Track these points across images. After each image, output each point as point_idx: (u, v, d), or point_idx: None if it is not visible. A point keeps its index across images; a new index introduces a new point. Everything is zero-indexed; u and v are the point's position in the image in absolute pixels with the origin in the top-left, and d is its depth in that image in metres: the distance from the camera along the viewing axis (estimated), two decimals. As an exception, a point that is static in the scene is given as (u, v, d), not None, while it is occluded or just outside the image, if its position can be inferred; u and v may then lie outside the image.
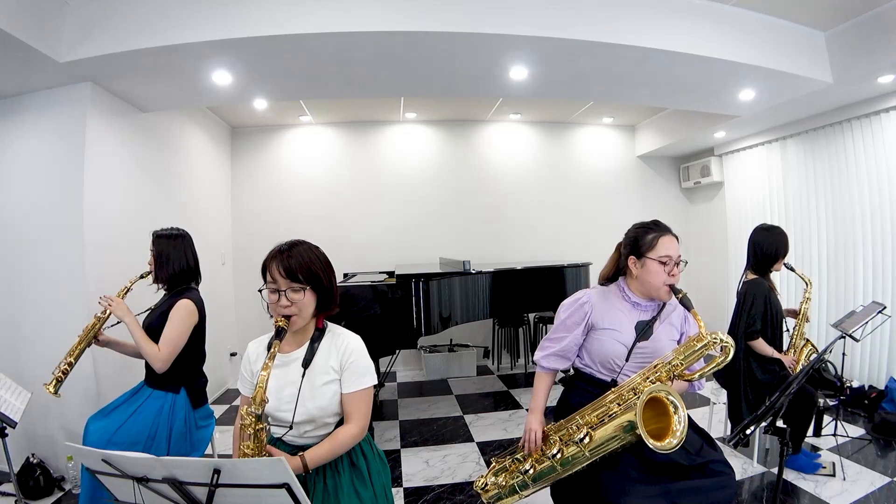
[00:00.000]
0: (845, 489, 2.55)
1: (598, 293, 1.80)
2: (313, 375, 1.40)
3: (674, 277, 1.65)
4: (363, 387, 1.42)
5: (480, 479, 1.86)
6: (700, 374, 1.58)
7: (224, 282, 4.93)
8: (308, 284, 1.39)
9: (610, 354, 1.69)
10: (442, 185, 5.48)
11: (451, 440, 3.45)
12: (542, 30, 2.68)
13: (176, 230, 2.30)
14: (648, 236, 1.69)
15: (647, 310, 1.73)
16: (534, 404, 1.81)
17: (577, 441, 1.55)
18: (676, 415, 1.47)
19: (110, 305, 2.13)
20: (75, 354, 2.14)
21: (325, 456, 1.36)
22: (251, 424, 1.26)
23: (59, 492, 2.71)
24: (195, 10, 2.52)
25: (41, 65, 2.55)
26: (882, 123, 3.71)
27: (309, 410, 1.38)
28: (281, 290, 1.37)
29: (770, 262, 2.67)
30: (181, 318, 2.12)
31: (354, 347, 1.44)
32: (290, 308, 1.37)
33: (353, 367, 1.41)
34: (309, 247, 1.45)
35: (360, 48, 2.75)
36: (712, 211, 5.73)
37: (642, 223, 1.76)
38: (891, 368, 3.70)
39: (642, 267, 1.68)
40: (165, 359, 2.06)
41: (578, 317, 1.75)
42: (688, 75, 3.28)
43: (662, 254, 1.65)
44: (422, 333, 3.15)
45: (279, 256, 1.39)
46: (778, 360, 2.63)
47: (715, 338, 1.52)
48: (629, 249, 1.74)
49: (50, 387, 2.08)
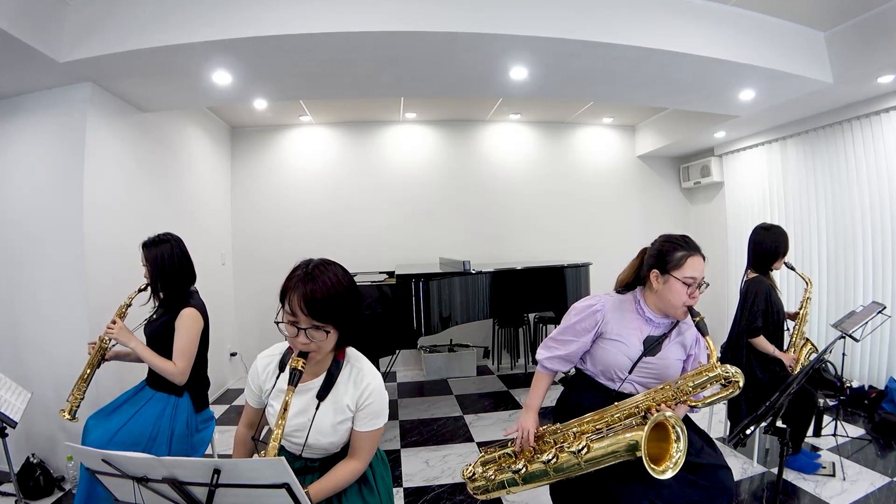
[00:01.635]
0: (845, 489, 2.55)
1: (612, 302, 1.73)
2: (327, 410, 1.33)
3: (694, 299, 1.60)
4: (374, 427, 1.36)
5: (468, 467, 1.84)
6: (704, 404, 1.55)
7: (224, 282, 4.93)
8: (332, 322, 1.23)
9: (613, 365, 1.67)
10: (442, 184, 5.48)
11: (451, 440, 3.44)
12: (542, 30, 2.68)
13: (162, 235, 2.23)
14: (677, 253, 1.62)
15: (659, 326, 1.68)
16: (530, 402, 1.79)
17: (574, 451, 1.53)
18: (677, 444, 1.44)
19: (111, 331, 2.09)
20: (87, 379, 2.15)
21: (329, 491, 1.33)
22: None
23: (59, 492, 2.71)
24: (195, 10, 2.51)
25: (41, 65, 2.55)
26: (882, 123, 3.71)
27: (320, 444, 1.34)
28: (301, 327, 1.21)
29: (770, 260, 2.66)
30: (189, 327, 2.11)
31: (374, 389, 1.34)
32: (309, 346, 1.24)
33: (369, 408, 1.34)
34: (335, 271, 1.26)
35: (360, 48, 2.75)
36: (712, 211, 5.73)
37: (671, 237, 1.68)
38: (891, 368, 3.70)
39: (664, 284, 1.62)
40: (183, 371, 2.06)
41: (589, 324, 1.71)
42: (688, 75, 3.28)
43: (688, 275, 1.59)
44: (422, 333, 3.15)
45: (301, 286, 1.21)
46: (778, 361, 2.63)
47: (726, 371, 1.47)
48: (654, 262, 1.66)
49: (66, 413, 2.09)
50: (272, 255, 5.04)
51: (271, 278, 1.94)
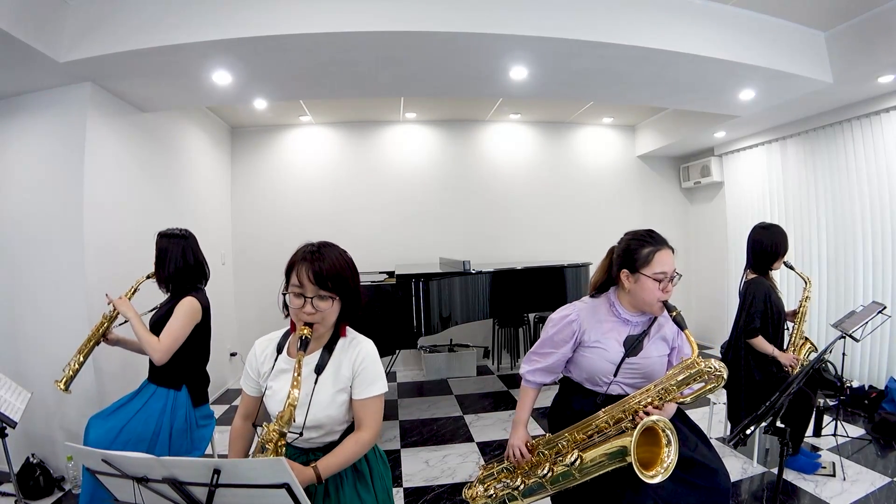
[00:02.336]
0: (845, 489, 2.55)
1: (586, 309, 1.71)
2: (325, 383, 1.35)
3: (667, 293, 1.58)
4: (374, 394, 1.37)
5: (470, 488, 1.83)
6: (692, 398, 1.50)
7: (224, 282, 4.92)
8: (337, 293, 1.33)
9: (596, 372, 1.65)
10: (442, 185, 5.48)
11: (451, 440, 3.44)
12: (542, 30, 2.68)
13: (179, 230, 2.31)
14: (644, 250, 1.59)
15: (637, 325, 1.66)
16: (517, 417, 1.77)
17: (568, 464, 1.51)
18: (668, 448, 1.41)
19: (112, 302, 2.17)
20: (85, 352, 2.17)
21: (340, 464, 1.33)
22: (273, 440, 1.21)
23: (59, 492, 2.71)
24: (195, 10, 2.52)
25: (41, 65, 2.55)
26: (882, 123, 3.71)
27: (318, 418, 1.34)
28: (308, 296, 1.30)
29: (770, 260, 2.66)
30: (184, 314, 2.14)
31: (367, 354, 1.39)
32: (314, 315, 1.31)
33: (364, 373, 1.36)
34: (339, 251, 1.39)
35: (360, 48, 2.75)
36: (712, 211, 5.72)
37: (637, 233, 1.66)
38: (891, 368, 3.70)
39: (636, 282, 1.59)
40: (164, 349, 2.06)
41: (566, 334, 1.69)
42: (688, 75, 3.28)
43: (658, 270, 1.56)
44: (422, 333, 3.15)
45: (309, 259, 1.31)
46: (775, 361, 2.63)
47: (709, 366, 1.43)
48: (622, 261, 1.64)
49: (60, 384, 2.11)
50: (272, 255, 4.98)
51: (271, 278, 1.95)
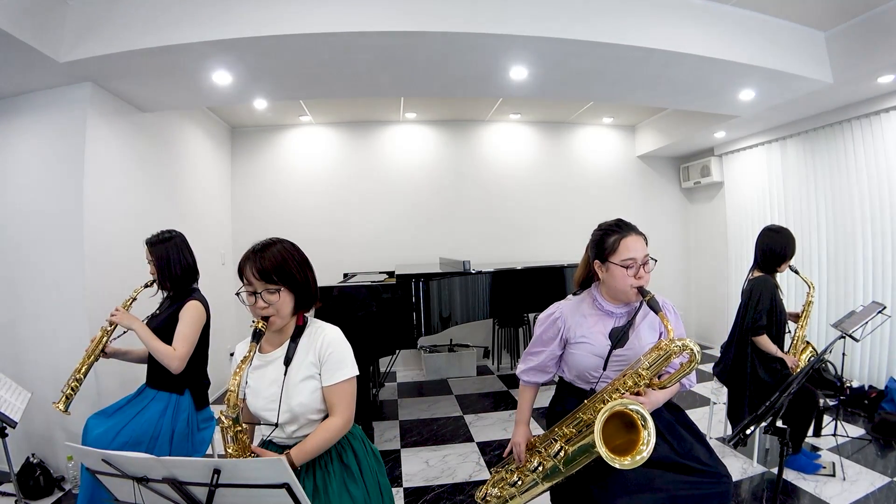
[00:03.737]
0: (845, 489, 2.55)
1: (569, 306, 1.74)
2: (294, 373, 1.39)
3: (640, 279, 1.58)
4: (342, 378, 1.40)
5: (480, 490, 1.84)
6: (670, 381, 1.49)
7: (224, 282, 4.91)
8: (283, 285, 1.38)
9: (585, 367, 1.65)
10: (442, 185, 5.48)
11: (451, 440, 3.44)
12: (542, 30, 2.68)
13: (167, 233, 2.27)
14: (610, 239, 1.61)
15: (622, 317, 1.66)
16: (518, 416, 1.81)
17: (551, 455, 1.53)
18: (646, 429, 1.40)
19: (114, 316, 2.12)
20: (83, 371, 2.11)
21: (312, 450, 1.35)
22: (230, 427, 1.29)
23: (59, 492, 2.71)
24: (195, 10, 2.51)
25: (41, 65, 2.55)
26: (882, 123, 3.71)
27: (291, 408, 1.37)
28: (257, 292, 1.37)
29: (778, 262, 2.66)
30: (193, 316, 2.12)
31: (332, 339, 1.42)
32: (267, 309, 1.37)
33: (331, 358, 1.40)
34: (283, 246, 1.43)
35: (360, 48, 2.75)
36: (712, 211, 5.73)
37: (604, 224, 1.68)
38: (891, 368, 3.70)
39: (607, 271, 1.62)
40: (182, 356, 2.05)
41: (552, 332, 1.72)
42: (688, 75, 3.28)
43: (625, 257, 1.57)
44: (422, 333, 3.14)
45: (252, 258, 1.39)
46: (780, 359, 2.63)
47: (683, 344, 1.42)
48: (594, 253, 1.67)
49: (59, 405, 2.06)
50: (272, 255, 5.03)
51: (271, 278, 1.94)
